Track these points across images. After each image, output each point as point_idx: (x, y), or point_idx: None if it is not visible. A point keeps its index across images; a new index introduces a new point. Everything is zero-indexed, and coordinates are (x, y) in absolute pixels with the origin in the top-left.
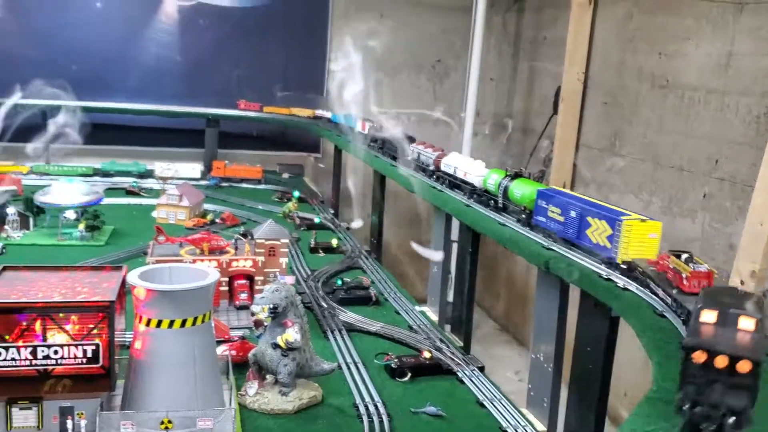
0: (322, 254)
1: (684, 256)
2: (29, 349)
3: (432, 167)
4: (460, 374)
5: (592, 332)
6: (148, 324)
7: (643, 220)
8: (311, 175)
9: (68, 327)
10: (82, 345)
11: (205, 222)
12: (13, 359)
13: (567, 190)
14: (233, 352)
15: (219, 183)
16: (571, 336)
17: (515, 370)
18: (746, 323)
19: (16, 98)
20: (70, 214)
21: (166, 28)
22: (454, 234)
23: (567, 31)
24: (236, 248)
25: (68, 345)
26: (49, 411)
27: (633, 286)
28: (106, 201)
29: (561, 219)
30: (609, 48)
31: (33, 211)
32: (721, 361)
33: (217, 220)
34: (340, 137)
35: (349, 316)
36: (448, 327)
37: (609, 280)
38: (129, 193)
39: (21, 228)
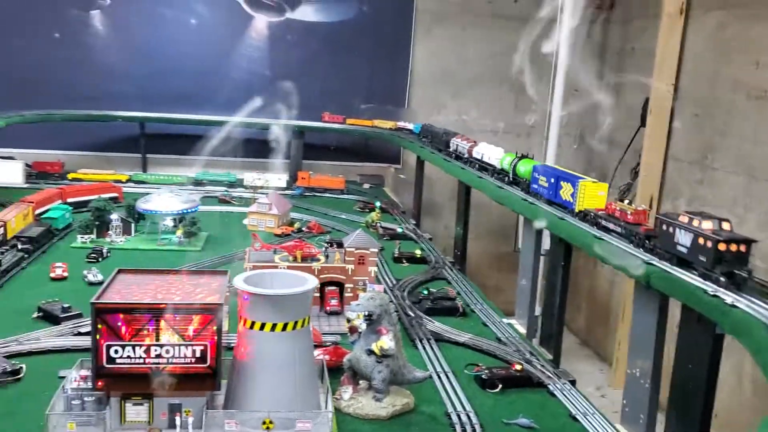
0: (405, 264)
1: (626, 201)
2: (143, 348)
3: (466, 155)
4: (551, 387)
5: (694, 349)
6: (251, 327)
7: (594, 182)
8: (391, 185)
9: (179, 328)
10: (191, 345)
11: (292, 230)
12: (128, 357)
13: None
14: (327, 357)
15: (303, 193)
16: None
17: (597, 385)
18: (726, 225)
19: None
20: (169, 221)
21: (256, 44)
22: (542, 246)
23: (656, 42)
24: (327, 256)
25: (179, 345)
26: (159, 407)
27: (742, 303)
28: (200, 208)
29: (545, 185)
30: (701, 59)
31: (134, 217)
32: (734, 246)
33: (304, 229)
34: (424, 148)
35: (436, 326)
36: (535, 340)
37: (715, 296)
38: (221, 201)
39: (123, 233)
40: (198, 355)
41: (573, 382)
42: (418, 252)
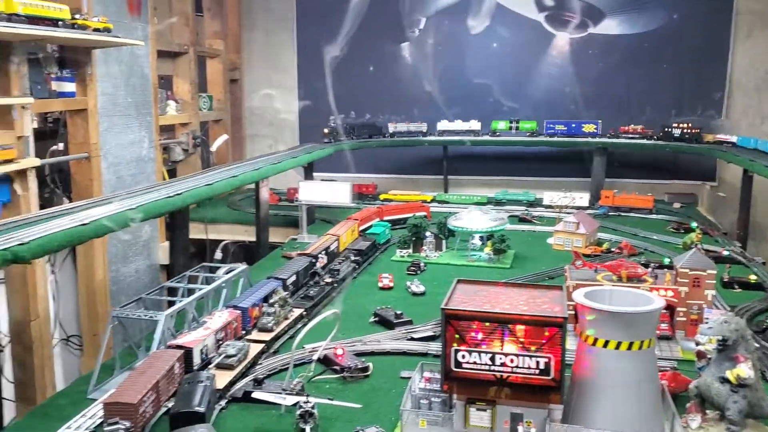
0: (737, 289)
1: None
2: (489, 355)
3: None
4: None
5: None
6: (594, 343)
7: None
8: (706, 204)
9: (523, 339)
10: (534, 356)
11: (601, 250)
12: (474, 363)
13: None
14: (665, 382)
15: (607, 212)
16: None
17: None
18: None
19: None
20: (477, 238)
21: (556, 62)
22: None
23: None
24: (655, 277)
25: (522, 355)
26: (501, 415)
27: None
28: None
29: (563, 128)
30: None
31: (445, 234)
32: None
33: (614, 249)
34: (755, 162)
35: None
36: None
37: None
38: (521, 220)
39: (436, 249)
40: (542, 367)
41: None
42: (752, 277)
